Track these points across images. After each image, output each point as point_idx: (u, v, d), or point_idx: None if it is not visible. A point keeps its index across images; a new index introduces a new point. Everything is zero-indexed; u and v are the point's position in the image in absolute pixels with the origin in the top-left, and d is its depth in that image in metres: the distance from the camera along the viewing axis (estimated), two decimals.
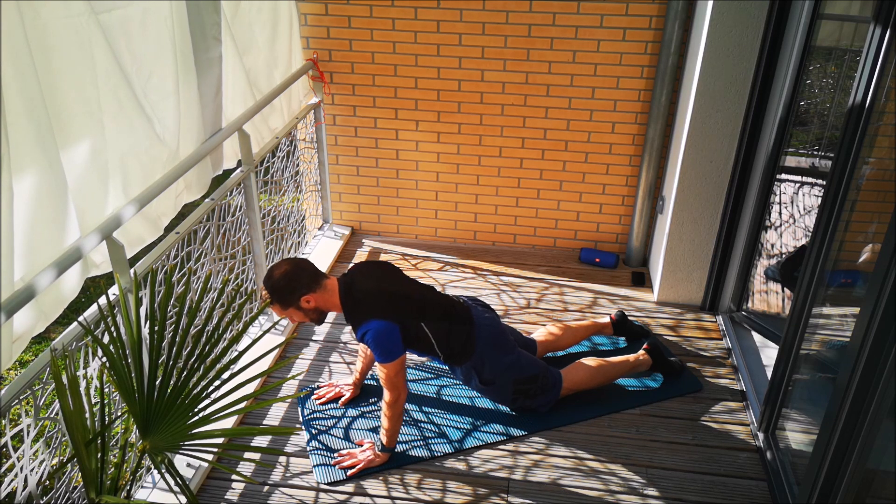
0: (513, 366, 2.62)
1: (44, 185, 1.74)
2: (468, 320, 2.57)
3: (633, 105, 3.48)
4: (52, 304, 1.87)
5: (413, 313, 2.45)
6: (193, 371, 1.78)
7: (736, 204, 3.09)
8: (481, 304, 2.76)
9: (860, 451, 1.82)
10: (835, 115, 2.80)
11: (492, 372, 2.61)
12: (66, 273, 1.81)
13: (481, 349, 2.58)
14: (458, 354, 2.57)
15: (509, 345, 2.64)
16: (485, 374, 2.62)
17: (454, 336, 2.53)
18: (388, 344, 2.32)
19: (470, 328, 2.56)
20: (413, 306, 2.47)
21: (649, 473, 2.48)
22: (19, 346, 1.75)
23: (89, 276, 2.03)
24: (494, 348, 2.60)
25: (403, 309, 2.42)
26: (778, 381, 2.44)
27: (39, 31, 1.68)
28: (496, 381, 2.63)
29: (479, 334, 2.57)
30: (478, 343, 2.57)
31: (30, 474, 1.81)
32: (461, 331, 2.55)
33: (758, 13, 2.74)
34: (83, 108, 1.89)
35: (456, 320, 2.55)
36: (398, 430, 2.47)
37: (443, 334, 2.50)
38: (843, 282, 2.21)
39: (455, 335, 2.53)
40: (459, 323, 2.55)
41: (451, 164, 3.78)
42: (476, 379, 2.64)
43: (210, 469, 2.44)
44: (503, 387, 2.64)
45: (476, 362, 2.60)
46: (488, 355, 2.59)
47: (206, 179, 2.64)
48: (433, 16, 3.38)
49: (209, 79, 2.50)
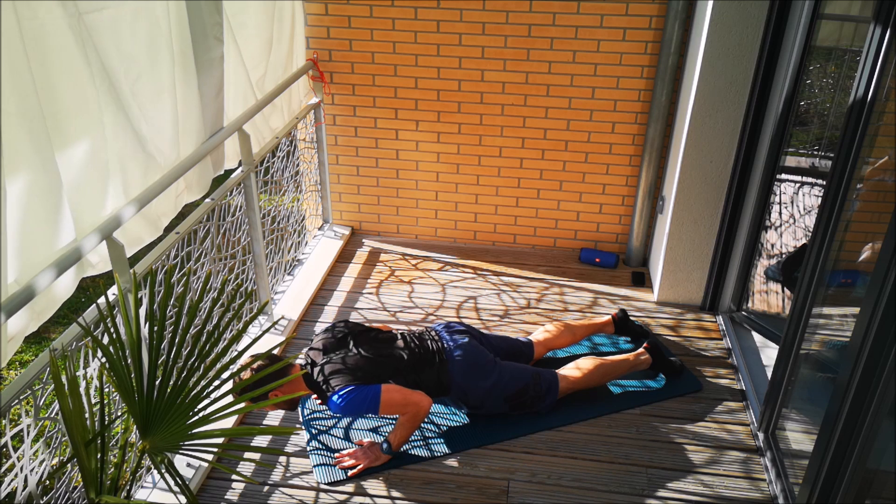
0: (496, 386, 2.60)
1: (37, 185, 1.74)
2: (437, 357, 2.57)
3: (633, 105, 3.48)
4: (46, 304, 1.87)
5: (376, 378, 2.44)
6: (193, 371, 1.78)
7: (736, 204, 3.09)
8: (456, 328, 2.73)
9: (860, 451, 1.82)
10: (835, 115, 2.80)
11: (476, 398, 2.62)
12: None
13: (458, 381, 2.57)
14: (437, 392, 2.57)
15: (488, 366, 2.62)
16: (471, 401, 2.63)
17: (426, 379, 2.54)
18: (364, 400, 2.34)
19: (441, 365, 2.56)
20: (375, 371, 2.45)
21: (649, 473, 2.48)
22: (13, 346, 1.75)
23: (85, 276, 2.03)
24: (472, 376, 2.59)
25: (366, 375, 2.42)
26: (778, 381, 2.44)
27: (35, 30, 1.68)
28: (485, 404, 2.63)
29: (452, 368, 2.57)
30: (453, 377, 2.57)
31: (30, 474, 1.81)
32: (431, 372, 2.54)
33: (758, 13, 2.74)
34: (80, 109, 1.89)
35: (422, 363, 2.54)
36: (409, 437, 2.48)
37: (414, 382, 2.51)
38: (843, 282, 2.21)
39: (427, 378, 2.53)
40: (428, 364, 2.55)
41: (451, 164, 3.78)
42: (465, 406, 2.66)
43: (210, 469, 2.44)
44: (494, 406, 2.64)
45: (458, 394, 2.61)
46: (467, 384, 2.59)
47: (207, 180, 2.64)
48: (433, 16, 3.38)
49: (210, 79, 2.50)
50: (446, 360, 2.57)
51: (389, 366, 2.49)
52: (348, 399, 2.33)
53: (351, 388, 2.35)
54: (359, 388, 2.35)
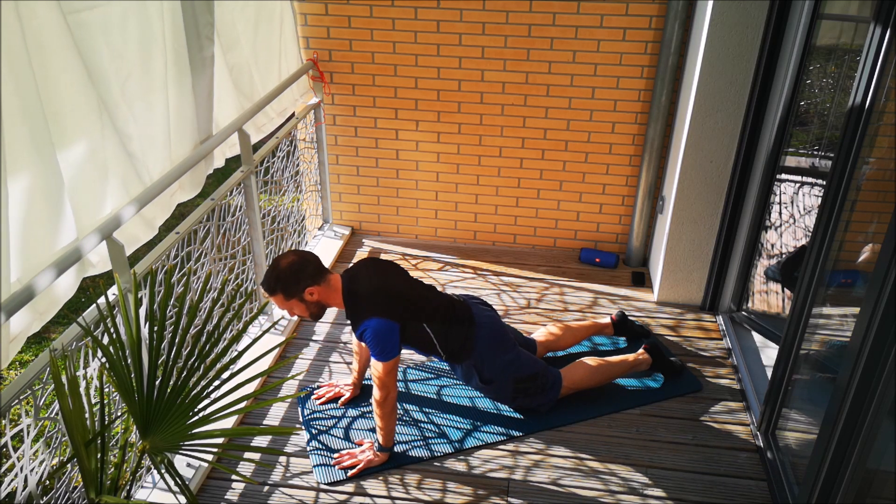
0: (512, 364, 2.62)
1: (38, 185, 1.74)
2: (468, 319, 2.57)
3: (633, 105, 3.48)
4: (48, 304, 1.87)
5: (414, 314, 2.45)
6: (193, 371, 1.78)
7: (736, 204, 3.09)
8: (482, 303, 2.76)
9: (860, 451, 1.82)
10: (835, 115, 2.80)
11: (491, 370, 2.61)
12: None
13: (481, 348, 2.58)
14: (459, 353, 2.57)
15: (509, 343, 2.64)
16: (485, 373, 2.62)
17: (455, 335, 2.53)
18: (385, 343, 2.32)
19: (470, 327, 2.57)
20: (414, 307, 2.47)
21: (649, 473, 2.48)
22: (15, 347, 1.75)
23: (86, 275, 2.03)
24: (494, 347, 2.60)
25: (405, 309, 2.42)
26: (778, 381, 2.44)
27: (35, 30, 1.68)
28: (496, 380, 2.63)
29: (479, 333, 2.57)
30: (477, 342, 2.57)
31: (30, 474, 1.81)
32: (461, 330, 2.55)
33: (758, 13, 2.74)
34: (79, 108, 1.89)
35: (456, 320, 2.55)
36: (393, 428, 2.46)
37: (444, 334, 2.50)
38: (843, 282, 2.21)
39: (455, 334, 2.54)
40: (459, 323, 2.55)
41: (451, 164, 3.78)
42: (476, 377, 2.65)
43: (210, 469, 2.44)
44: (503, 385, 2.64)
45: (476, 361, 2.60)
46: (488, 354, 2.59)
47: (201, 179, 2.63)
48: (433, 16, 3.38)
49: (203, 79, 2.49)
50: (476, 324, 2.58)
51: (426, 310, 2.49)
52: (375, 329, 2.31)
53: (383, 321, 2.32)
54: (388, 330, 2.32)
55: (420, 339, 2.49)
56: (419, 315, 2.47)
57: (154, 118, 2.27)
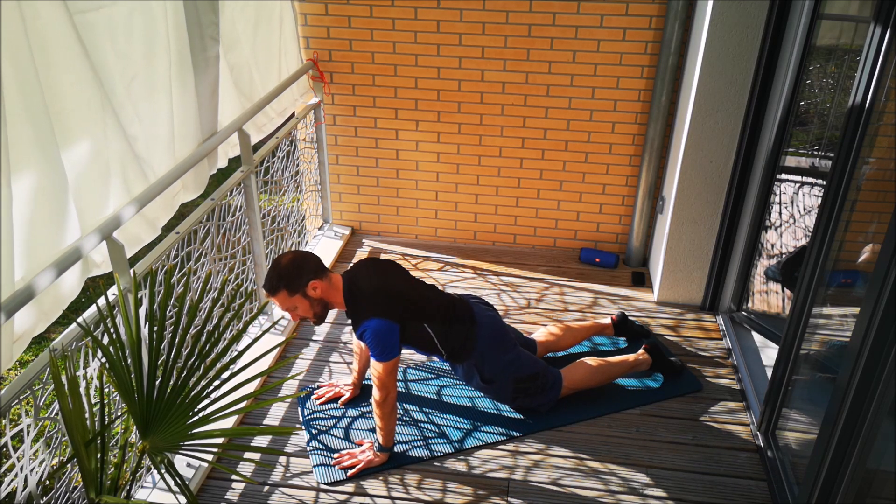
0: (512, 363, 2.62)
1: (43, 184, 1.74)
2: (469, 319, 2.57)
3: (633, 105, 3.48)
4: (52, 304, 1.87)
5: (415, 314, 2.45)
6: (193, 371, 1.78)
7: (736, 204, 3.09)
8: (482, 302, 2.76)
9: (860, 451, 1.82)
10: (835, 115, 2.80)
11: (492, 370, 2.62)
12: (66, 273, 1.80)
13: (482, 347, 2.58)
14: (459, 353, 2.57)
15: (510, 343, 2.65)
16: (485, 373, 2.62)
17: (455, 335, 2.53)
18: (385, 343, 2.32)
19: (471, 327, 2.57)
20: (415, 307, 2.47)
21: (649, 473, 2.48)
22: (20, 347, 1.75)
23: (90, 275, 2.03)
24: (495, 346, 2.60)
25: (405, 309, 2.42)
26: (778, 381, 2.44)
27: (39, 30, 1.68)
28: (496, 380, 2.63)
29: (480, 333, 2.58)
30: (478, 341, 2.57)
31: (30, 474, 1.81)
32: (462, 330, 2.55)
33: (758, 13, 2.74)
34: (82, 107, 1.89)
35: (457, 320, 2.55)
36: (393, 428, 2.47)
37: (444, 334, 2.51)
38: (843, 282, 2.21)
39: (456, 334, 2.54)
40: (460, 322, 2.55)
41: (451, 164, 3.78)
42: (477, 377, 2.65)
43: (210, 469, 2.44)
44: (503, 385, 2.64)
45: (477, 360, 2.60)
46: (489, 353, 2.60)
47: (204, 179, 2.63)
48: (433, 16, 3.38)
49: (206, 79, 2.50)
50: (477, 323, 2.58)
51: (427, 310, 2.49)
52: (375, 330, 2.31)
53: (383, 322, 2.32)
54: (388, 330, 2.32)
55: (421, 339, 2.49)
56: (420, 315, 2.47)
57: (158, 118, 2.28)
